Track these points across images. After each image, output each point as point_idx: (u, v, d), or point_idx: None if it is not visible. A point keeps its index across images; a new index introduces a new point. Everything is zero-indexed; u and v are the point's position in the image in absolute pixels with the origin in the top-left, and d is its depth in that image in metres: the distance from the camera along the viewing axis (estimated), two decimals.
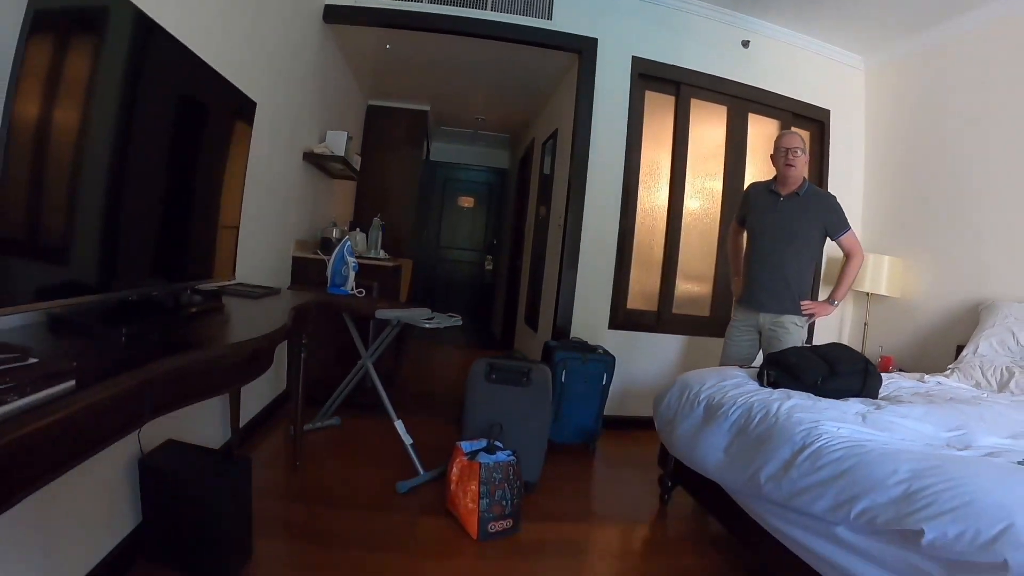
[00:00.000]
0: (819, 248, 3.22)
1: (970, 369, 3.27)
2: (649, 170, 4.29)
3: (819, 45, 4.59)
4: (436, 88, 5.75)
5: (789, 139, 3.13)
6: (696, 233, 4.42)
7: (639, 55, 4.09)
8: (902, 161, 4.47)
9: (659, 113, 4.28)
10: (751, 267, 3.26)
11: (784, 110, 4.51)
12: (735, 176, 4.40)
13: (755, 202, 3.27)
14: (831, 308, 3.21)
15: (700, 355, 4.20)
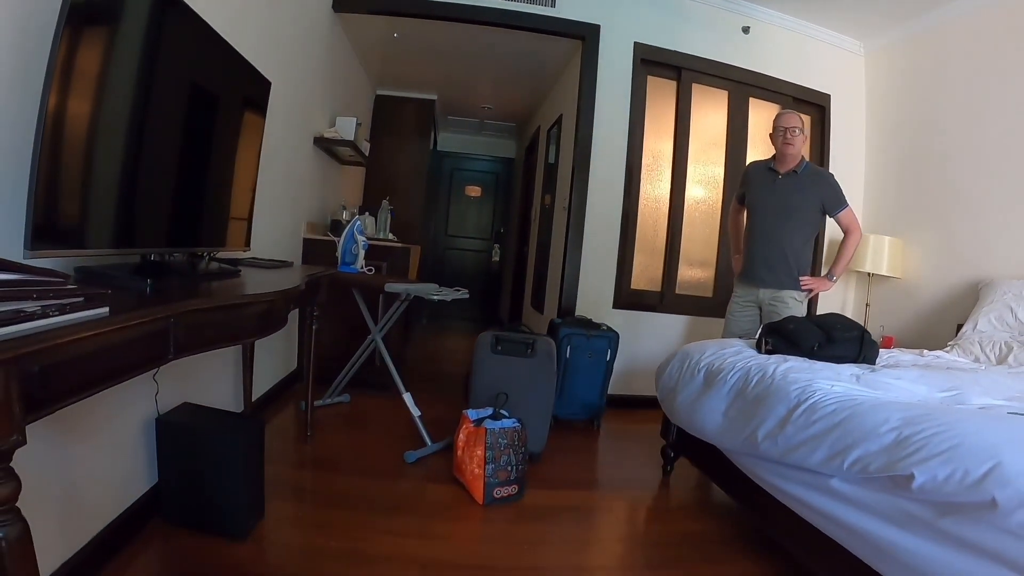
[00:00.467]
0: (817, 224, 3.27)
1: (969, 345, 3.31)
2: (652, 154, 4.35)
3: (819, 30, 4.64)
4: (443, 77, 5.82)
5: (788, 118, 3.19)
6: (698, 216, 4.48)
7: (641, 41, 4.15)
8: (902, 143, 4.52)
9: (661, 98, 4.34)
10: (751, 243, 3.32)
11: (785, 94, 4.56)
12: (736, 160, 4.45)
13: (754, 180, 3.34)
14: (830, 284, 3.27)
15: (703, 334, 4.24)
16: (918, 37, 4.38)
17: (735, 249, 3.57)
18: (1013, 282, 3.43)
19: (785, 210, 3.17)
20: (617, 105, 4.13)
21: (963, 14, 4.01)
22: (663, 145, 4.38)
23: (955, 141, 4.05)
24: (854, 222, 3.25)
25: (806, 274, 3.23)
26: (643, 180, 4.30)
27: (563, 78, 4.92)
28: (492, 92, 6.31)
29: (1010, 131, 3.68)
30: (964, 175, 3.97)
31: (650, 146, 4.34)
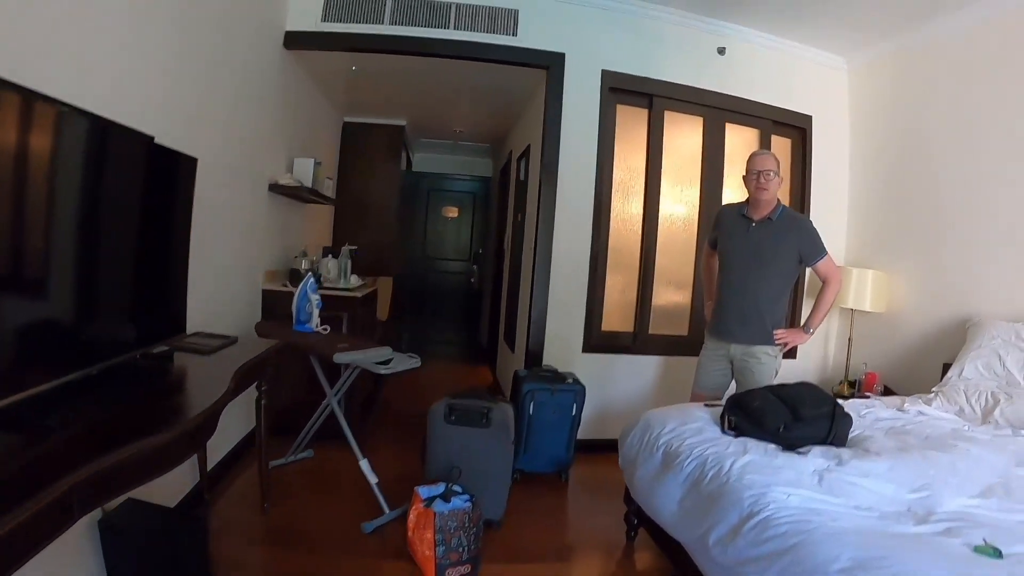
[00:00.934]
0: (794, 275, 3.09)
1: (954, 394, 3.14)
2: (623, 186, 4.17)
3: (799, 48, 4.43)
4: (411, 103, 5.63)
5: (761, 161, 2.99)
6: (673, 250, 4.30)
7: (609, 68, 3.95)
8: (887, 169, 4.32)
9: (633, 126, 4.16)
10: (722, 295, 3.14)
11: (763, 118, 4.37)
12: (712, 189, 4.28)
13: (726, 226, 3.15)
14: (806, 336, 3.09)
15: (678, 376, 4.09)
16: (905, 53, 4.18)
17: (708, 295, 3.40)
18: (1002, 325, 3.26)
19: (759, 260, 2.99)
20: (585, 137, 3.95)
21: (953, 31, 3.81)
22: (635, 180, 4.20)
23: (943, 167, 3.87)
24: (833, 271, 3.06)
25: (781, 327, 3.05)
26: (613, 216, 4.12)
27: (532, 105, 4.71)
28: (462, 117, 6.12)
29: (1001, 158, 3.50)
30: (952, 204, 3.79)
31: (621, 178, 4.15)
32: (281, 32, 3.81)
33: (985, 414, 2.93)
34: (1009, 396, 2.91)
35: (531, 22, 3.88)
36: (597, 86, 3.94)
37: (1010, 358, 3.09)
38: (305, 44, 3.86)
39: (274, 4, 3.71)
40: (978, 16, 3.62)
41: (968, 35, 3.71)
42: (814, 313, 3.07)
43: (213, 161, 2.76)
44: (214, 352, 2.43)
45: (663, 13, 4.06)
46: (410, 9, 3.84)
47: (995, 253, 3.49)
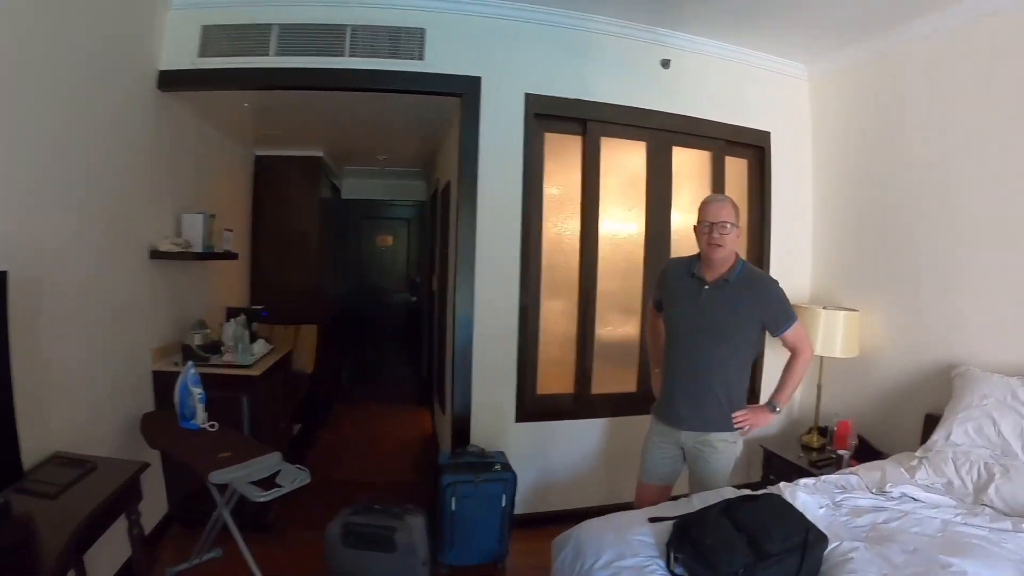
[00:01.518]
0: (756, 346, 2.57)
1: (941, 463, 2.69)
2: (557, 234, 3.67)
3: (754, 56, 3.95)
4: (325, 133, 5.06)
5: (715, 210, 2.43)
6: (617, 291, 3.80)
7: (534, 91, 3.42)
8: (856, 192, 3.86)
9: (566, 152, 3.64)
10: (669, 371, 2.63)
11: (715, 138, 3.88)
12: (658, 223, 3.80)
13: (672, 287, 2.63)
14: (771, 416, 2.59)
15: (627, 437, 3.59)
16: (874, 60, 3.70)
17: (655, 363, 2.89)
18: (996, 381, 2.81)
19: (714, 331, 2.47)
20: (507, 171, 3.41)
21: (928, 35, 3.34)
22: (569, 222, 3.69)
23: (920, 190, 3.42)
24: (803, 341, 2.56)
25: (742, 406, 2.55)
26: (546, 261, 3.60)
27: (452, 133, 4.13)
28: (382, 145, 5.55)
29: (987, 179, 3.06)
30: (931, 233, 3.35)
31: (556, 218, 3.64)
32: (154, 73, 3.21)
33: (978, 491, 2.50)
34: (1005, 470, 2.48)
35: (440, 43, 3.31)
36: (520, 113, 3.40)
37: (1006, 423, 2.65)
38: (182, 84, 3.26)
39: (143, 43, 3.12)
40: (960, 18, 3.16)
41: (948, 39, 3.25)
42: (781, 389, 2.58)
43: (71, 242, 2.49)
44: (63, 491, 2.00)
45: (596, 24, 3.52)
46: (299, 36, 3.25)
47: (983, 290, 3.08)
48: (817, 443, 3.60)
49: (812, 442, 3.62)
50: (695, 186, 3.93)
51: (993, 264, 3.03)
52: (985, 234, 3.07)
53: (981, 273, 3.08)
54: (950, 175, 3.23)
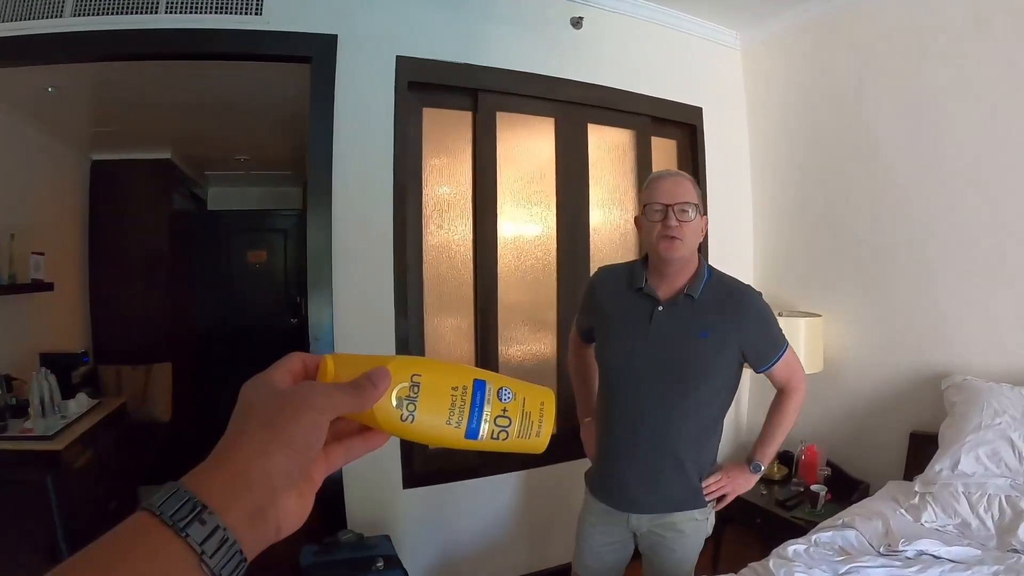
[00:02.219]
0: (734, 389, 1.80)
1: (951, 499, 2.18)
2: (445, 240, 2.87)
3: (682, 19, 3.29)
4: (170, 129, 4.16)
5: (670, 187, 1.66)
6: (524, 303, 3.05)
7: (407, 54, 2.62)
8: (804, 176, 3.28)
9: (451, 135, 2.85)
10: (609, 432, 1.84)
11: (639, 114, 3.21)
12: (573, 220, 3.08)
13: (609, 310, 1.81)
14: (753, 478, 1.86)
15: (551, 487, 2.92)
16: (821, 21, 3.14)
17: (582, 409, 2.09)
18: (1007, 393, 2.35)
19: (675, 374, 1.69)
20: (373, 163, 2.58)
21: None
22: (459, 223, 2.88)
23: (881, 165, 2.88)
24: (797, 373, 1.81)
25: (712, 468, 1.81)
26: (430, 275, 2.79)
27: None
28: (243, 142, 4.67)
29: (969, 158, 2.56)
30: (902, 221, 2.83)
31: (439, 220, 2.84)
32: None
33: (1003, 532, 2.01)
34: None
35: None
36: (390, 82, 2.59)
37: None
38: None
39: None
40: None
41: None
42: (766, 440, 1.84)
43: None
44: None
45: None
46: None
47: (971, 285, 2.57)
48: (780, 474, 3.03)
49: (773, 473, 3.02)
50: (616, 174, 3.24)
51: (982, 254, 2.52)
52: (971, 219, 2.56)
53: (968, 265, 2.58)
54: (922, 154, 2.72)
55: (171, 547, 0.37)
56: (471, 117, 2.83)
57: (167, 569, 0.37)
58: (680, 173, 1.73)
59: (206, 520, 0.39)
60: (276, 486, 0.43)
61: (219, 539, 0.39)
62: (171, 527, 0.38)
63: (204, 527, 0.38)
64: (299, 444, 0.44)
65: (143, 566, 0.37)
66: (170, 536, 0.37)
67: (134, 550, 0.37)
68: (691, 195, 1.66)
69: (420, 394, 0.51)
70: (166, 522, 0.38)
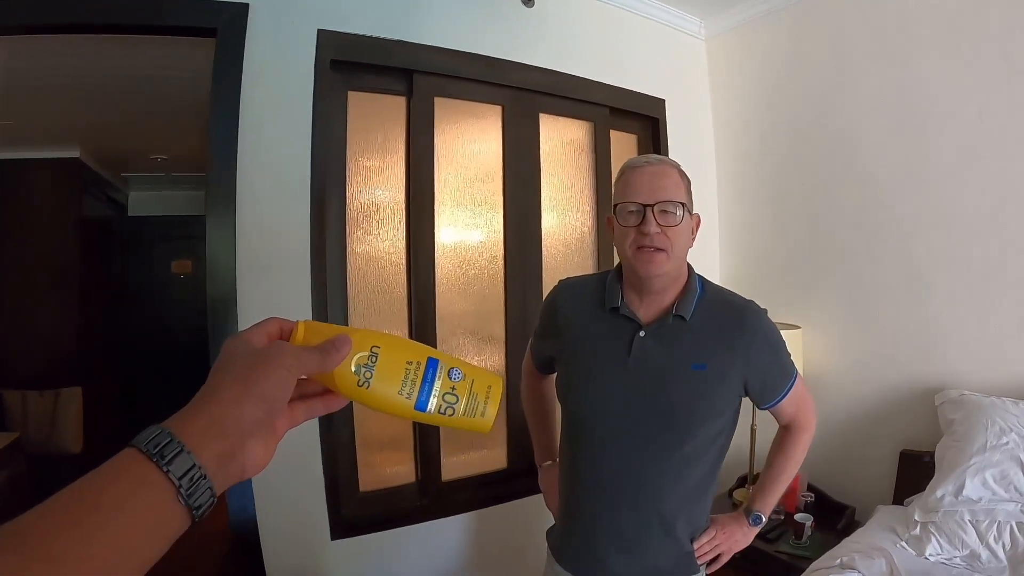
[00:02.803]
0: (731, 433, 1.43)
1: (957, 528, 2.00)
2: (375, 248, 2.47)
3: (644, 1, 3.02)
4: (74, 124, 3.72)
5: (650, 180, 1.30)
6: (466, 316, 2.69)
7: (331, 27, 2.26)
8: (778, 173, 3.02)
9: (381, 124, 2.47)
10: (579, 492, 1.46)
11: (598, 104, 2.91)
12: (523, 222, 2.74)
13: (575, 336, 1.45)
14: (752, 533, 1.53)
15: (502, 529, 2.55)
16: (793, 11, 2.92)
17: (542, 451, 1.74)
18: (1010, 407, 2.15)
19: (663, 421, 1.33)
20: (287, 156, 2.18)
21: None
22: (390, 228, 2.49)
23: (861, 163, 2.66)
24: (807, 407, 1.48)
25: (705, 528, 1.47)
26: (358, 288, 2.41)
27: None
28: (157, 137, 4.23)
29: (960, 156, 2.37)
30: (887, 223, 2.60)
31: (366, 225, 2.46)
32: None
33: (1016, 563, 1.87)
34: None
35: None
36: (310, 60, 2.21)
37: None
38: None
39: None
40: None
41: None
42: (770, 486, 1.52)
43: None
44: None
45: None
46: None
47: (966, 290, 2.35)
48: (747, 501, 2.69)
49: (746, 500, 2.69)
50: (571, 171, 2.93)
51: (978, 260, 2.31)
52: (965, 221, 2.35)
53: (962, 271, 2.37)
54: (908, 152, 2.52)
55: (152, 479, 0.44)
56: (405, 103, 2.47)
57: (147, 498, 0.44)
58: (663, 160, 1.36)
59: (184, 459, 0.46)
60: (245, 432, 0.50)
61: (193, 476, 0.46)
62: (154, 462, 0.45)
63: (182, 464, 0.45)
64: (268, 396, 0.51)
65: (126, 494, 0.44)
66: (152, 469, 0.45)
67: (119, 480, 0.44)
68: (677, 191, 1.30)
69: (377, 364, 0.57)
70: (151, 457, 0.45)
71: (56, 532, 0.39)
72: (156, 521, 0.44)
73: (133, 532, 0.43)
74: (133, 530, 0.43)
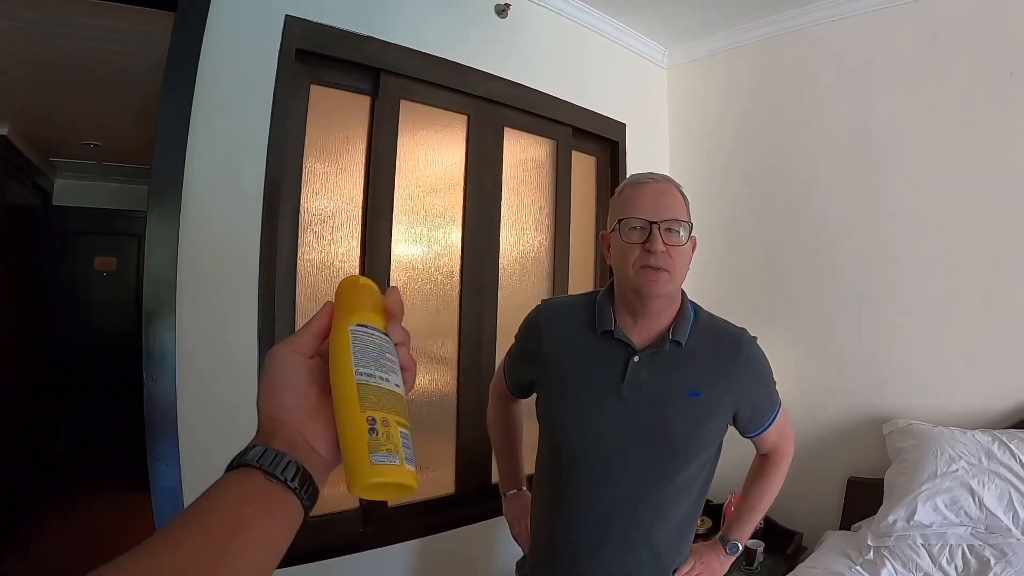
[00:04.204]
0: (717, 460, 1.40)
1: (910, 552, 2.06)
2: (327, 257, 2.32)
3: (613, 25, 3.04)
4: (6, 98, 3.41)
5: (654, 198, 1.26)
6: (421, 334, 2.58)
7: (300, 14, 2.13)
8: (733, 204, 3.09)
9: (342, 124, 2.34)
10: (565, 528, 1.37)
11: (562, 123, 2.88)
12: (482, 238, 2.66)
13: (562, 360, 1.37)
14: (728, 562, 1.51)
15: (449, 565, 2.43)
16: (756, 48, 2.99)
17: (509, 478, 1.67)
18: (958, 436, 2.24)
19: (658, 450, 1.29)
20: (241, 151, 2.01)
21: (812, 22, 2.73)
22: (345, 234, 2.35)
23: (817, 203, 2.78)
24: (788, 435, 1.48)
25: (686, 554, 1.43)
26: (304, 307, 2.21)
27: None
28: (92, 122, 3.94)
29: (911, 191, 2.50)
30: (840, 256, 2.68)
31: (318, 228, 2.31)
32: None
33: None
34: (1001, 553, 1.92)
35: None
36: (275, 46, 2.08)
37: (989, 493, 2.04)
38: None
39: None
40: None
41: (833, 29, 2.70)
42: (748, 514, 1.51)
43: None
44: None
45: None
46: None
47: (914, 324, 2.46)
48: (704, 527, 2.73)
49: (697, 527, 2.68)
50: (531, 189, 2.88)
51: (927, 295, 2.41)
52: (914, 258, 2.46)
53: (911, 306, 2.46)
54: (862, 189, 2.63)
55: (286, 498, 0.51)
56: (369, 103, 2.36)
57: (282, 513, 0.50)
58: (668, 178, 1.32)
59: (286, 465, 0.50)
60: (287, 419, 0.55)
61: (303, 476, 0.52)
62: (280, 481, 0.50)
63: (287, 471, 0.50)
64: (278, 384, 0.56)
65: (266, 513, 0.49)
66: (279, 488, 0.50)
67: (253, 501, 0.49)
68: (681, 210, 1.27)
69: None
70: (265, 471, 0.50)
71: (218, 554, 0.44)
72: (291, 529, 0.52)
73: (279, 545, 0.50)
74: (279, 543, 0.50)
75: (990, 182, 2.30)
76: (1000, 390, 2.27)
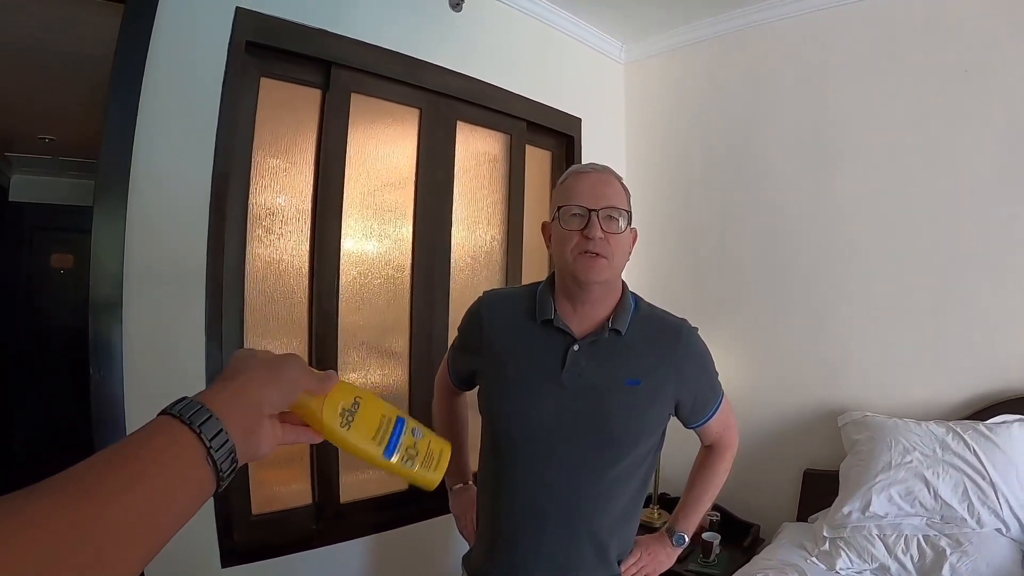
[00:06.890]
0: (659, 450, 1.40)
1: (865, 542, 2.08)
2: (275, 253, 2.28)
3: (569, 20, 3.05)
4: None
5: (593, 186, 1.27)
6: (371, 330, 2.54)
7: (249, 7, 2.08)
8: (688, 200, 3.13)
9: (291, 117, 2.31)
10: (505, 516, 1.36)
11: (516, 118, 2.89)
12: (433, 234, 2.66)
13: (504, 348, 1.36)
14: (675, 553, 1.51)
15: (403, 561, 2.42)
16: (713, 44, 3.03)
17: (454, 473, 1.64)
18: (913, 428, 2.26)
19: (597, 438, 1.28)
20: (189, 144, 1.98)
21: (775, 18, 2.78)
22: (294, 232, 2.31)
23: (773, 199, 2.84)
24: (732, 427, 1.49)
25: (630, 545, 1.42)
26: (253, 304, 2.19)
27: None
28: (48, 115, 3.85)
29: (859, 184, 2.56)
30: (795, 252, 2.73)
31: (268, 222, 2.27)
32: None
33: (926, 575, 1.94)
34: (956, 543, 1.95)
35: None
36: (224, 38, 2.04)
37: (944, 483, 2.05)
38: None
39: None
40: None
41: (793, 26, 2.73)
42: (693, 506, 1.50)
43: None
44: None
45: None
46: None
47: (868, 318, 2.52)
48: (661, 521, 2.72)
49: (654, 520, 2.75)
50: (484, 184, 2.88)
51: (880, 289, 2.48)
52: (868, 253, 2.51)
53: (865, 300, 2.52)
54: (817, 185, 2.70)
55: (185, 438, 0.50)
56: (320, 96, 2.33)
57: (181, 455, 0.49)
58: (608, 168, 1.34)
59: (213, 423, 0.52)
60: (264, 412, 0.57)
61: (222, 439, 0.52)
62: (187, 424, 0.50)
63: (211, 428, 0.51)
64: (289, 383, 0.60)
65: (161, 449, 0.49)
66: (185, 430, 0.50)
67: (154, 438, 0.50)
68: (621, 199, 1.28)
69: (358, 412, 0.68)
70: (184, 420, 0.50)
71: (101, 478, 0.45)
72: (188, 477, 0.49)
73: (168, 484, 0.48)
74: (168, 482, 0.48)
75: (943, 179, 2.36)
76: (953, 382, 2.32)
